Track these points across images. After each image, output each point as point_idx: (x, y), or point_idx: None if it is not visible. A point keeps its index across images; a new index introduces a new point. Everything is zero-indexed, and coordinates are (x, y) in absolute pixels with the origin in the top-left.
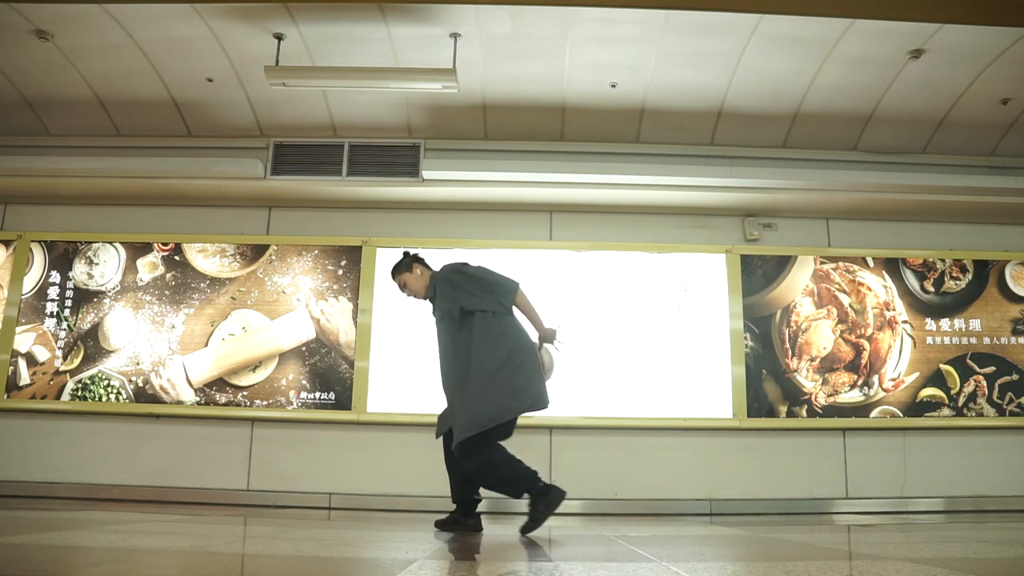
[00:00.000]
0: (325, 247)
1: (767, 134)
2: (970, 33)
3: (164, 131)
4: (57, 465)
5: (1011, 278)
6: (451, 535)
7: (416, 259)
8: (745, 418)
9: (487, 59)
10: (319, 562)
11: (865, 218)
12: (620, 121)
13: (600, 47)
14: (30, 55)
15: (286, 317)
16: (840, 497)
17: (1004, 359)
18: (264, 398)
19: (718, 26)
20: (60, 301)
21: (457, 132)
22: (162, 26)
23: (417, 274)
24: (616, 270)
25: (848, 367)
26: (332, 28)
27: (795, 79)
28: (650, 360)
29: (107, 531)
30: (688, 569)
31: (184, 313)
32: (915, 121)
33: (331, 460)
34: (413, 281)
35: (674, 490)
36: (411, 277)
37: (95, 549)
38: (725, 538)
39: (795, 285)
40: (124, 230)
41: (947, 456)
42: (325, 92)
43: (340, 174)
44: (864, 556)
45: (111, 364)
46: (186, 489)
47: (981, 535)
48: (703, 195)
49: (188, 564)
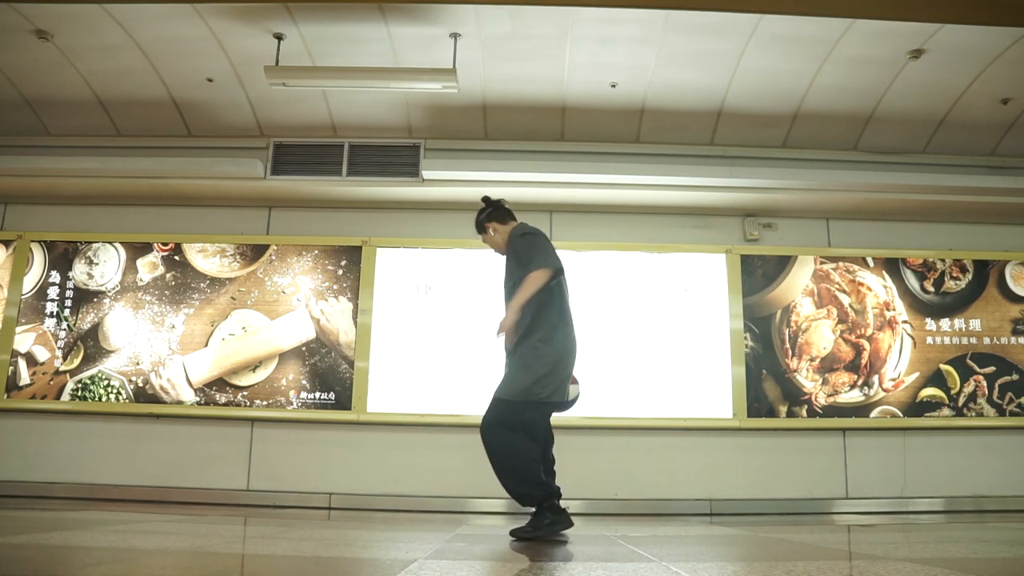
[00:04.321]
0: (325, 247)
1: (767, 134)
2: (970, 33)
3: (164, 131)
4: (57, 465)
5: (1011, 278)
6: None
7: (490, 217)
8: (745, 418)
9: (487, 59)
10: (319, 562)
11: (865, 218)
12: (620, 121)
13: (600, 47)
14: (30, 55)
15: (286, 317)
16: (840, 497)
17: (1004, 359)
18: (264, 398)
19: (718, 26)
20: (60, 301)
21: (457, 132)
22: (162, 26)
23: (491, 233)
24: (616, 270)
25: (848, 367)
26: (332, 28)
27: (795, 79)
28: (650, 360)
29: (107, 531)
30: (688, 569)
31: (184, 313)
32: (915, 121)
33: (331, 460)
34: (490, 240)
35: (674, 490)
36: (487, 237)
37: (95, 549)
38: (725, 538)
39: (795, 285)
40: (124, 230)
41: (947, 456)
42: (325, 92)
43: (340, 174)
44: (864, 556)
45: (111, 364)
46: (186, 489)
47: (981, 535)
48: (703, 195)
49: (188, 564)
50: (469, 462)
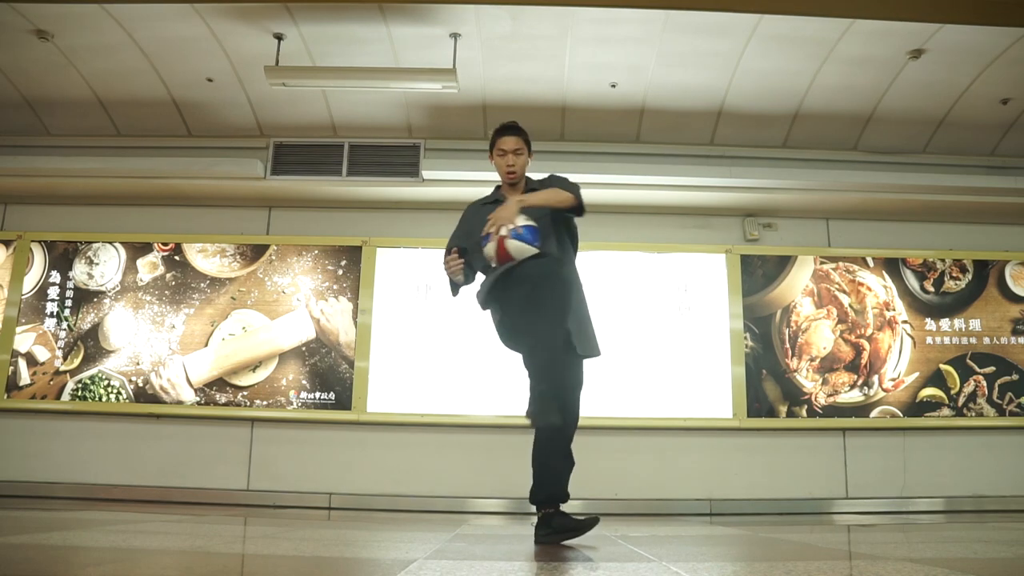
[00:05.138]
0: (325, 247)
1: (767, 134)
2: (970, 33)
3: (164, 131)
4: (57, 465)
5: (1011, 278)
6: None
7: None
8: (745, 418)
9: (487, 59)
10: (319, 562)
11: (865, 218)
12: (620, 121)
13: (600, 47)
14: (30, 55)
15: (286, 317)
16: (840, 497)
17: (1004, 359)
18: (264, 398)
19: (718, 26)
20: (60, 301)
21: (457, 132)
22: (162, 26)
23: (525, 156)
24: (616, 270)
25: (848, 367)
26: (332, 28)
27: (795, 79)
28: (650, 360)
29: (107, 531)
30: (688, 569)
31: (184, 313)
32: (915, 121)
33: (331, 460)
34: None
35: (674, 490)
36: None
37: (95, 549)
38: (725, 538)
39: (795, 285)
40: (124, 230)
41: (947, 456)
42: (325, 92)
43: (340, 174)
44: (864, 556)
45: (111, 364)
46: (186, 489)
47: (981, 535)
48: (703, 195)
49: (188, 564)
50: (469, 462)
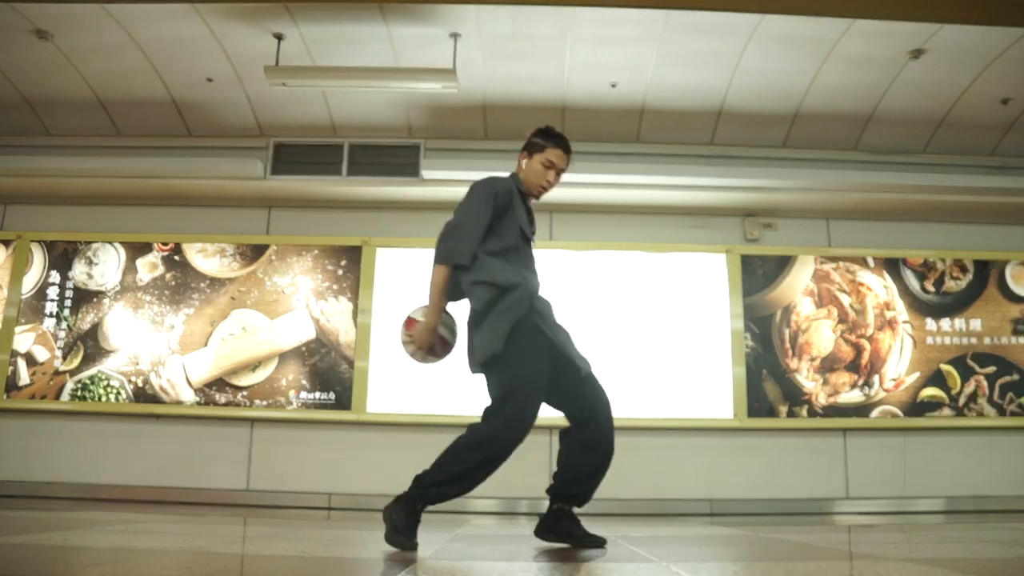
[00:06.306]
0: (325, 247)
1: (767, 134)
2: (970, 33)
3: (164, 131)
4: (57, 465)
5: (1011, 278)
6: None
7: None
8: (745, 418)
9: (487, 59)
10: (319, 562)
11: (865, 218)
12: (620, 121)
13: (600, 47)
14: (30, 55)
15: (286, 317)
16: (840, 497)
17: (1004, 359)
18: (264, 398)
19: (718, 26)
20: (60, 301)
21: (457, 132)
22: (162, 26)
23: (522, 166)
24: (616, 270)
25: (848, 367)
26: (332, 28)
27: (795, 79)
28: (650, 360)
29: (107, 531)
30: (688, 569)
31: (184, 313)
32: (915, 121)
33: (331, 460)
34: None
35: (674, 490)
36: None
37: (95, 549)
38: (725, 538)
39: (795, 285)
40: (124, 230)
41: (947, 456)
42: (325, 92)
43: (340, 174)
44: (864, 556)
45: (111, 364)
46: (186, 489)
47: (981, 535)
48: (703, 195)
49: (188, 564)
50: None
